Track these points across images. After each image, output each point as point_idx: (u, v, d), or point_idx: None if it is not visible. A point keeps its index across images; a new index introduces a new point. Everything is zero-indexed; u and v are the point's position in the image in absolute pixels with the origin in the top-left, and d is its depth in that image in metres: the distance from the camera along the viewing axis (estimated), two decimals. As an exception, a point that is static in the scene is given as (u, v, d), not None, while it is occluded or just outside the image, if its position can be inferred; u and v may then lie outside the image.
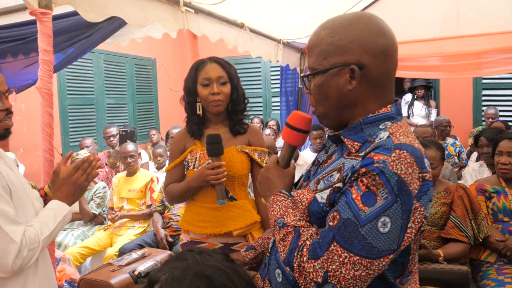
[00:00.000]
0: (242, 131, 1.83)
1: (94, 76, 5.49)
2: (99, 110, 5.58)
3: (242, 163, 1.79)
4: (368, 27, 0.93)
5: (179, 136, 1.87)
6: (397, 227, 0.83)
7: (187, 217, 1.85)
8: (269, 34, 3.99)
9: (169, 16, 2.55)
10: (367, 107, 0.96)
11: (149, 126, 6.45)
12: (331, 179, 0.94)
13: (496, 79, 5.85)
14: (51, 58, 1.82)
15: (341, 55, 0.93)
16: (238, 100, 1.81)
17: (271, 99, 6.95)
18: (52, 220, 1.35)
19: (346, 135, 0.97)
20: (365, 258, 0.82)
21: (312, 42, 0.99)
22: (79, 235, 3.52)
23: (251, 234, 1.81)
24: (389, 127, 0.92)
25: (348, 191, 0.87)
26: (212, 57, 1.82)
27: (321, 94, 0.98)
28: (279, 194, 1.03)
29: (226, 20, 3.19)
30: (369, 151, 0.87)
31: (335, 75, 0.94)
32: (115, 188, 3.65)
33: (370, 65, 0.92)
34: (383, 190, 0.82)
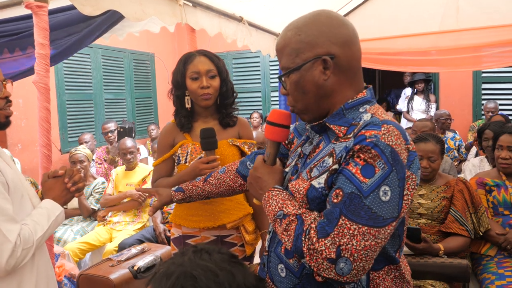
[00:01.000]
0: (232, 124, 1.84)
1: (92, 71, 5.45)
2: (98, 105, 5.56)
3: (233, 156, 1.80)
4: (330, 21, 1.00)
5: (168, 130, 1.84)
6: (395, 194, 0.88)
7: (179, 212, 1.84)
8: (267, 27, 3.97)
9: (167, 9, 2.53)
10: (344, 94, 1.02)
11: (148, 121, 6.44)
12: (324, 165, 0.98)
13: (496, 72, 5.84)
14: (48, 52, 1.80)
15: (311, 50, 0.99)
16: (227, 93, 1.81)
17: (270, 94, 6.93)
18: (46, 219, 1.33)
19: (331, 121, 1.02)
20: (372, 227, 0.86)
21: (281, 45, 1.04)
22: (78, 230, 3.51)
23: (244, 225, 1.83)
24: (368, 109, 1.00)
25: (345, 169, 0.91)
26: (200, 50, 1.80)
27: (299, 90, 1.02)
28: (273, 189, 1.06)
29: (225, 13, 3.17)
30: (359, 130, 0.92)
31: (309, 69, 0.99)
32: (112, 181, 3.64)
33: (340, 54, 0.99)
34: (380, 161, 0.87)
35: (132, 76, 6.21)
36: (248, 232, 1.84)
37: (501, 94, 5.85)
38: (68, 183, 1.43)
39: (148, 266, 2.21)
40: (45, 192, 1.43)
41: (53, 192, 1.41)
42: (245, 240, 1.83)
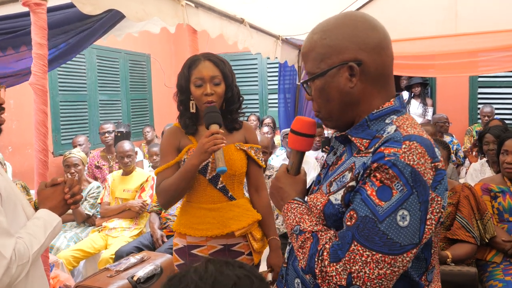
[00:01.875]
0: (238, 127, 1.79)
1: (86, 71, 5.35)
2: (92, 106, 5.46)
3: (241, 160, 1.74)
4: (358, 24, 0.94)
5: (172, 132, 1.76)
6: (416, 219, 0.81)
7: (183, 220, 1.75)
8: (268, 30, 3.91)
9: (169, 10, 2.46)
10: (371, 103, 0.95)
11: (143, 123, 6.34)
12: (343, 180, 0.92)
13: (492, 77, 5.86)
14: (46, 52, 1.72)
15: (337, 55, 0.93)
16: (233, 99, 1.75)
17: (267, 96, 6.88)
18: (43, 231, 1.24)
19: (354, 134, 0.96)
20: (388, 255, 0.80)
21: (306, 48, 0.99)
22: (72, 237, 3.39)
23: (251, 233, 1.76)
24: (395, 120, 0.92)
25: (362, 188, 0.85)
26: (206, 53, 1.73)
27: (323, 97, 0.97)
28: (292, 202, 1.01)
29: (226, 15, 3.11)
30: (379, 146, 0.86)
31: (335, 75, 0.94)
32: (108, 187, 3.55)
33: (367, 61, 0.92)
34: (398, 182, 0.81)
35: (128, 77, 6.12)
36: (256, 240, 1.77)
37: (497, 99, 5.87)
38: (67, 194, 1.35)
39: (148, 276, 2.14)
40: (41, 201, 1.34)
41: (50, 201, 1.33)
42: (253, 248, 1.75)
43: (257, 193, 1.84)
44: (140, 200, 3.43)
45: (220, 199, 1.72)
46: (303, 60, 1.02)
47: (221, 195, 1.72)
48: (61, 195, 1.34)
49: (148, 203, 3.41)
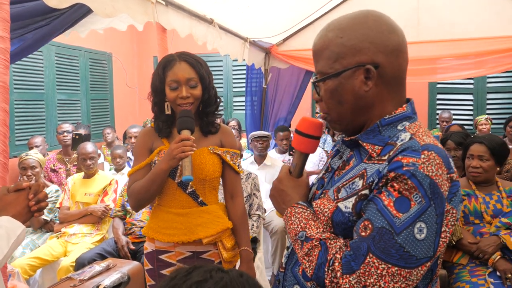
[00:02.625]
0: (214, 131, 1.71)
1: (44, 69, 5.07)
2: (50, 106, 5.18)
3: (213, 165, 1.67)
4: (378, 25, 0.90)
5: (146, 134, 1.70)
6: (432, 232, 0.79)
7: (152, 224, 1.69)
8: (237, 31, 3.87)
9: (139, 7, 2.36)
10: (384, 108, 0.92)
11: (103, 124, 6.10)
12: (353, 186, 0.88)
13: (450, 84, 6.13)
14: (8, 46, 1.59)
15: (353, 56, 0.89)
16: (210, 101, 1.68)
17: (232, 99, 6.83)
18: (6, 241, 1.12)
19: (364, 139, 0.92)
20: (404, 268, 0.78)
21: (319, 46, 0.94)
22: (27, 244, 3.20)
23: (222, 241, 1.69)
24: (408, 127, 0.89)
25: (377, 198, 0.82)
26: (181, 53, 1.65)
27: (335, 99, 0.93)
28: (296, 206, 0.97)
29: (196, 14, 3.04)
30: (395, 154, 0.83)
31: (349, 77, 0.90)
32: (68, 191, 3.36)
33: (385, 64, 0.89)
34: (417, 194, 0.78)
35: (88, 76, 5.87)
36: (226, 249, 1.69)
37: (455, 105, 6.14)
38: (32, 201, 1.24)
39: (114, 285, 2.03)
40: (3, 208, 1.22)
41: (13, 208, 1.20)
42: (223, 258, 1.68)
43: (232, 200, 1.77)
44: (103, 204, 3.28)
45: (190, 204, 1.65)
46: (313, 58, 0.96)
47: (190, 200, 1.65)
48: (25, 201, 1.22)
49: (111, 208, 3.26)
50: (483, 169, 2.43)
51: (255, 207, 3.10)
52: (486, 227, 2.38)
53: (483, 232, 2.37)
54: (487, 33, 3.99)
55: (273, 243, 3.46)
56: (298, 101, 5.03)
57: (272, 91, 5.02)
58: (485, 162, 2.43)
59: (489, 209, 2.40)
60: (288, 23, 4.32)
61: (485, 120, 5.12)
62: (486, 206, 2.41)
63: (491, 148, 2.44)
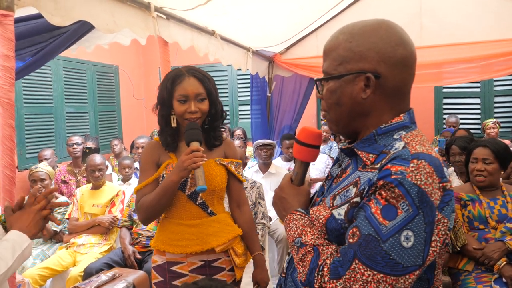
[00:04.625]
0: (218, 144, 1.76)
1: (53, 83, 5.18)
2: (58, 119, 5.28)
3: (221, 175, 1.72)
4: (388, 35, 0.90)
5: (152, 148, 1.72)
6: (420, 240, 0.79)
7: (162, 237, 1.70)
8: (239, 42, 3.93)
9: (140, 21, 2.42)
10: (381, 117, 0.93)
11: (111, 136, 6.19)
12: (347, 194, 0.90)
13: (456, 88, 6.09)
14: (13, 64, 1.64)
15: (357, 62, 0.91)
16: (216, 116, 1.72)
17: (238, 108, 6.87)
18: (11, 254, 1.17)
19: (360, 147, 0.94)
20: (389, 276, 0.79)
21: (329, 46, 0.96)
22: (38, 254, 3.26)
23: (233, 248, 1.73)
24: (403, 136, 0.90)
25: (366, 206, 0.83)
26: (189, 68, 1.68)
27: (334, 100, 0.95)
28: (295, 213, 1.00)
29: (197, 27, 3.09)
30: (386, 163, 0.84)
31: (350, 81, 0.92)
32: (77, 202, 3.42)
33: (387, 75, 0.90)
34: (404, 202, 0.79)
35: (95, 89, 5.97)
36: (238, 255, 1.74)
37: (461, 109, 6.10)
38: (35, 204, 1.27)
39: (120, 294, 2.06)
40: (11, 225, 1.27)
41: (20, 223, 1.25)
42: (235, 264, 1.72)
43: (239, 208, 1.82)
44: (110, 215, 3.32)
45: (200, 215, 1.68)
46: (323, 56, 0.98)
47: (200, 210, 1.68)
48: (31, 214, 1.27)
49: (119, 218, 3.31)
50: (488, 172, 2.42)
51: (260, 215, 3.11)
52: (491, 232, 2.36)
53: (488, 238, 2.34)
54: (491, 36, 3.97)
55: (279, 251, 3.47)
56: (303, 108, 5.05)
57: (277, 100, 5.05)
58: (489, 165, 2.42)
59: (494, 214, 2.39)
60: (290, 31, 4.36)
61: (493, 124, 5.08)
62: (491, 211, 2.39)
63: (495, 151, 2.44)
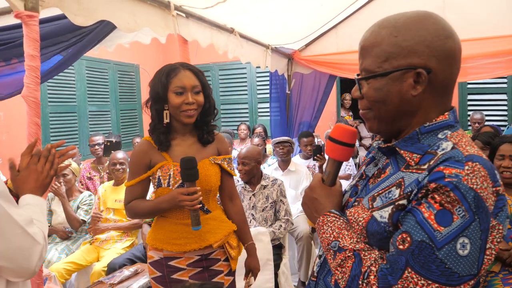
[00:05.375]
0: (211, 140, 1.78)
1: (76, 83, 5.30)
2: (82, 117, 5.40)
3: (216, 175, 1.75)
4: (436, 28, 0.85)
5: (143, 150, 1.71)
6: (476, 248, 0.75)
7: (160, 235, 1.72)
8: (258, 39, 3.93)
9: (160, 20, 2.45)
10: (427, 115, 0.89)
11: (133, 134, 6.29)
12: (390, 196, 0.85)
13: (481, 83, 5.93)
14: (38, 64, 1.69)
15: (405, 57, 0.86)
16: (210, 110, 1.76)
17: (257, 105, 6.88)
18: (42, 216, 1.20)
19: (402, 146, 0.89)
20: (445, 286, 0.74)
21: (369, 42, 0.90)
22: (63, 249, 3.34)
23: (228, 242, 1.79)
24: (449, 136, 0.85)
25: (416, 210, 0.78)
26: (183, 63, 1.73)
27: (379, 98, 0.90)
28: (329, 214, 0.95)
29: (216, 25, 3.11)
30: (436, 164, 0.79)
31: (398, 79, 0.87)
32: (101, 197, 3.49)
33: (437, 70, 0.85)
34: (460, 207, 0.74)
35: (117, 87, 6.08)
36: (233, 247, 1.81)
37: (486, 105, 5.94)
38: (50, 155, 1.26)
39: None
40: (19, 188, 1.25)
41: (28, 184, 1.24)
42: (231, 256, 1.79)
43: (231, 201, 1.88)
44: None
45: None
46: (360, 53, 0.92)
47: None
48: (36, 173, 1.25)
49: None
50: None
51: (283, 213, 3.11)
52: (518, 232, 2.30)
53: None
54: (517, 30, 3.86)
55: (299, 249, 3.46)
56: (323, 106, 5.02)
57: (296, 97, 5.03)
58: (517, 162, 2.35)
59: (521, 213, 2.32)
60: (310, 28, 4.33)
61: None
62: (517, 210, 2.33)
63: None
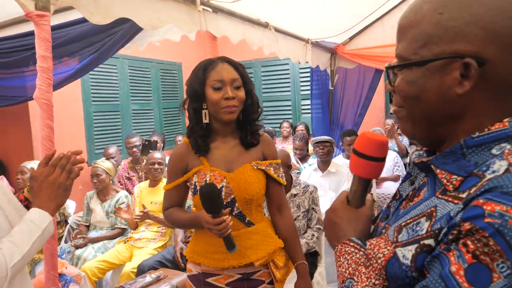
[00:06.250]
0: (256, 142, 1.58)
1: (118, 82, 5.40)
2: (125, 116, 5.50)
3: (259, 183, 1.54)
4: (498, 4, 0.62)
5: (180, 153, 1.59)
6: None
7: (198, 247, 1.58)
8: (296, 33, 3.74)
9: (185, 16, 2.35)
10: (478, 122, 0.65)
11: (175, 132, 6.33)
12: (417, 229, 0.64)
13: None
14: (50, 65, 1.64)
15: (451, 42, 0.63)
16: (253, 107, 1.56)
17: (300, 102, 6.68)
18: (27, 238, 1.08)
19: (440, 164, 0.67)
20: None
21: (406, 20, 0.69)
22: (99, 247, 3.40)
23: (273, 261, 1.57)
24: (507, 152, 0.61)
25: (444, 257, 0.58)
26: (222, 56, 1.57)
27: (412, 94, 0.68)
28: (348, 243, 0.77)
29: (249, 19, 2.97)
30: (476, 194, 0.58)
31: (439, 70, 0.65)
32: (137, 198, 3.50)
33: (496, 61, 0.62)
34: (503, 262, 0.53)
35: (160, 86, 6.14)
36: (278, 268, 1.57)
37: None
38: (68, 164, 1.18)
39: (163, 297, 2.03)
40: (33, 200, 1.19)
41: (40, 198, 1.16)
42: (275, 278, 1.56)
43: (280, 213, 1.65)
44: None
45: (237, 226, 1.52)
46: (397, 36, 0.72)
47: (237, 221, 1.53)
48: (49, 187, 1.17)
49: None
50: None
51: (314, 221, 2.93)
52: None
53: None
54: None
55: (337, 255, 3.25)
56: (368, 101, 4.74)
57: (340, 93, 4.79)
58: None
59: None
60: (353, 20, 4.07)
61: None
62: None
63: None
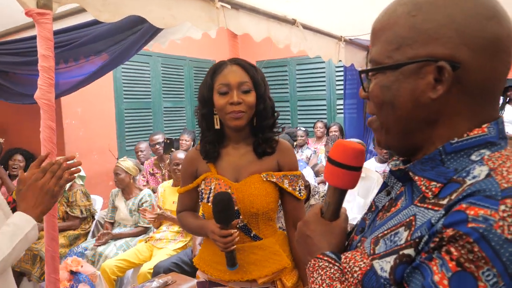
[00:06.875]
0: (270, 151, 1.45)
1: (151, 79, 5.44)
2: (156, 113, 5.53)
3: (267, 196, 1.42)
4: (474, 5, 0.60)
5: (191, 158, 1.54)
6: None
7: (205, 255, 1.51)
8: (327, 30, 3.56)
9: (202, 13, 2.26)
10: (455, 128, 0.62)
11: (207, 130, 6.32)
12: (395, 239, 0.61)
13: None
14: (52, 64, 1.60)
15: (425, 45, 0.61)
16: (266, 113, 1.44)
17: (335, 102, 6.45)
18: (8, 241, 1.07)
19: (418, 170, 0.64)
20: None
21: (380, 24, 0.66)
22: (121, 245, 3.40)
23: (281, 280, 1.44)
24: (487, 158, 0.59)
25: (425, 267, 0.54)
26: (234, 58, 1.47)
27: (386, 100, 0.65)
28: (321, 258, 0.72)
29: (274, 16, 2.84)
30: (457, 199, 0.55)
31: (412, 74, 0.62)
32: (160, 197, 3.48)
33: (470, 64, 0.59)
34: (489, 270, 0.50)
35: (193, 84, 6.12)
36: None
37: None
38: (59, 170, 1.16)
39: (168, 304, 1.96)
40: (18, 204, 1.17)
41: (25, 202, 1.14)
42: None
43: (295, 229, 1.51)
44: None
45: (242, 239, 1.42)
46: (371, 39, 0.70)
47: (242, 234, 1.42)
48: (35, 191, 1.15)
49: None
50: None
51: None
52: None
53: None
54: None
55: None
56: (406, 103, 4.48)
57: (375, 93, 4.56)
58: None
59: None
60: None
61: None
62: None
63: None
